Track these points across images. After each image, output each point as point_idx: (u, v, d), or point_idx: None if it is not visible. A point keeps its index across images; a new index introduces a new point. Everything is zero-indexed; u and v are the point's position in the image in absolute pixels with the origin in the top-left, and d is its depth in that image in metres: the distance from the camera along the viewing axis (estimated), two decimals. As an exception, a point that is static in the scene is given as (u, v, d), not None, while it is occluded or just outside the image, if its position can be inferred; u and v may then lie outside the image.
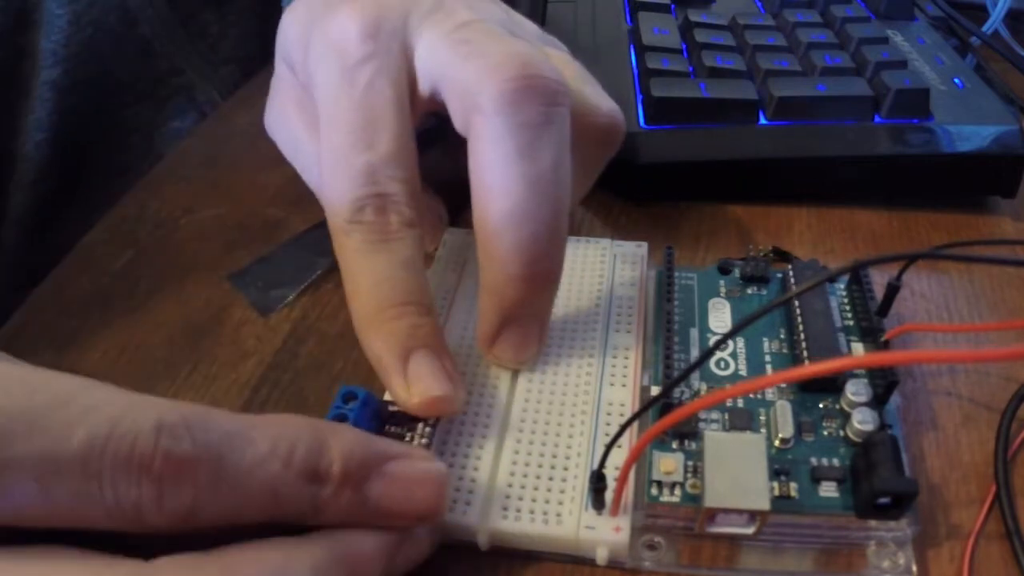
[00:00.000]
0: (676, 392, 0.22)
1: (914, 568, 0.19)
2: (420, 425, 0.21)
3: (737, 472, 0.19)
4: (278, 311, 0.27)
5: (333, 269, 0.29)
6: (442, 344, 0.21)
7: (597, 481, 0.19)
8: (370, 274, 0.21)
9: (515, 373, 0.23)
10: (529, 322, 0.22)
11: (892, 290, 0.24)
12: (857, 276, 0.25)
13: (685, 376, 0.22)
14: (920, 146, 0.30)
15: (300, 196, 0.32)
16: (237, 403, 0.25)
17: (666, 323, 0.23)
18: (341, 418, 0.20)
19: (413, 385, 0.20)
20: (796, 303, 0.24)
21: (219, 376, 0.26)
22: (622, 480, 0.19)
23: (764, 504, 0.19)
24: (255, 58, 0.43)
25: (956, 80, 0.33)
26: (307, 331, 0.27)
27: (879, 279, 0.25)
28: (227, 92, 0.42)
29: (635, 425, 0.21)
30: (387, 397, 0.22)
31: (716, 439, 0.20)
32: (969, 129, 0.30)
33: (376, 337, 0.21)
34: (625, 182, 0.30)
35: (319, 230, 0.30)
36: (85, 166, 0.38)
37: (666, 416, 0.17)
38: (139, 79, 0.39)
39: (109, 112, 0.38)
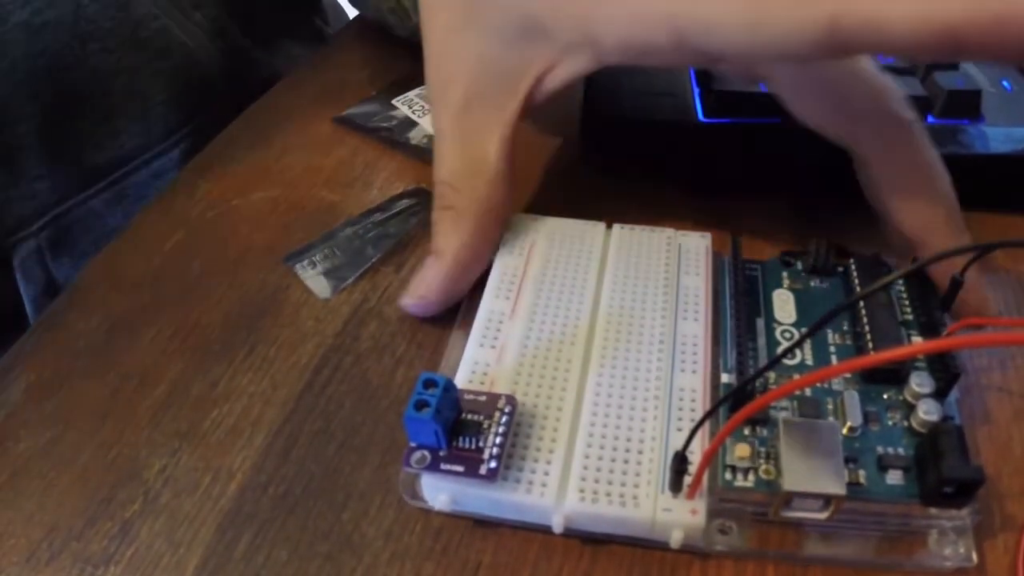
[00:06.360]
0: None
1: (974, 556, 0.20)
2: (497, 413, 0.21)
3: (813, 457, 0.20)
4: (337, 294, 0.27)
5: (390, 255, 0.29)
6: None
7: (680, 463, 0.19)
8: None
9: (587, 358, 0.23)
10: None
11: (955, 285, 0.24)
12: (919, 272, 0.25)
13: (767, 370, 0.23)
14: (972, 147, 0.30)
15: (354, 179, 0.32)
16: (298, 385, 0.24)
17: (737, 313, 0.24)
18: (423, 404, 0.19)
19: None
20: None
21: (278, 358, 0.25)
22: (704, 464, 0.19)
23: (841, 488, 0.19)
24: (224, 3, 0.43)
25: (1004, 83, 0.33)
26: (368, 313, 0.26)
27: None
28: (201, 38, 0.42)
29: (702, 413, 0.21)
30: (460, 384, 0.22)
31: (792, 425, 0.20)
32: (1020, 132, 0.30)
33: None
34: (685, 174, 0.30)
35: (374, 215, 0.30)
36: (66, 110, 0.38)
37: (748, 405, 0.18)
38: (119, 24, 0.38)
39: (88, 56, 0.38)
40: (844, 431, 0.21)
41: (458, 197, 0.25)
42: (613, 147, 0.33)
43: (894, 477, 0.20)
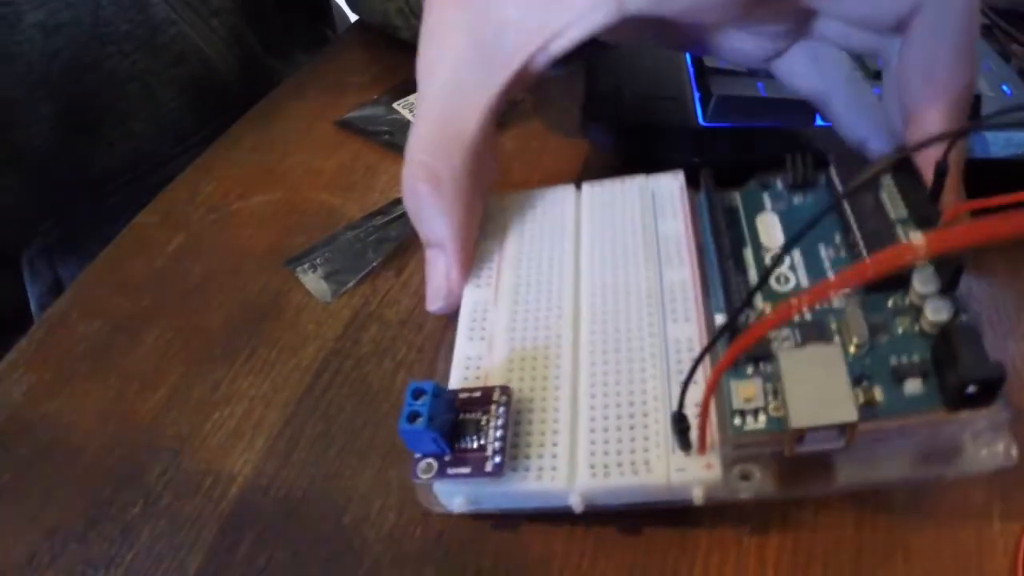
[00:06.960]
0: (741, 317, 0.21)
1: (1014, 452, 0.18)
2: (493, 406, 0.20)
3: (818, 387, 0.18)
4: (337, 298, 0.27)
5: (391, 259, 0.29)
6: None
7: (679, 422, 0.18)
8: None
9: (577, 330, 0.22)
10: None
11: (941, 172, 0.22)
12: (904, 166, 0.23)
13: (749, 301, 0.21)
14: (971, 151, 0.30)
15: (355, 183, 0.32)
16: (299, 388, 0.24)
17: (718, 248, 0.22)
18: (415, 415, 0.19)
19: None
20: (846, 203, 0.22)
21: (279, 361, 0.25)
22: (703, 415, 0.18)
23: (851, 415, 0.17)
24: (241, 10, 0.43)
25: (1004, 87, 0.33)
26: (368, 317, 0.26)
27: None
28: (218, 45, 0.42)
29: (708, 359, 0.19)
30: (453, 385, 0.22)
31: (791, 356, 0.19)
32: (1020, 136, 0.30)
33: None
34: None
35: (375, 218, 0.30)
36: (80, 112, 0.38)
37: (735, 342, 0.16)
38: (136, 27, 0.38)
39: (105, 59, 0.38)
40: (852, 348, 0.19)
41: (432, 175, 0.24)
42: (613, 150, 0.33)
43: (913, 387, 0.19)
